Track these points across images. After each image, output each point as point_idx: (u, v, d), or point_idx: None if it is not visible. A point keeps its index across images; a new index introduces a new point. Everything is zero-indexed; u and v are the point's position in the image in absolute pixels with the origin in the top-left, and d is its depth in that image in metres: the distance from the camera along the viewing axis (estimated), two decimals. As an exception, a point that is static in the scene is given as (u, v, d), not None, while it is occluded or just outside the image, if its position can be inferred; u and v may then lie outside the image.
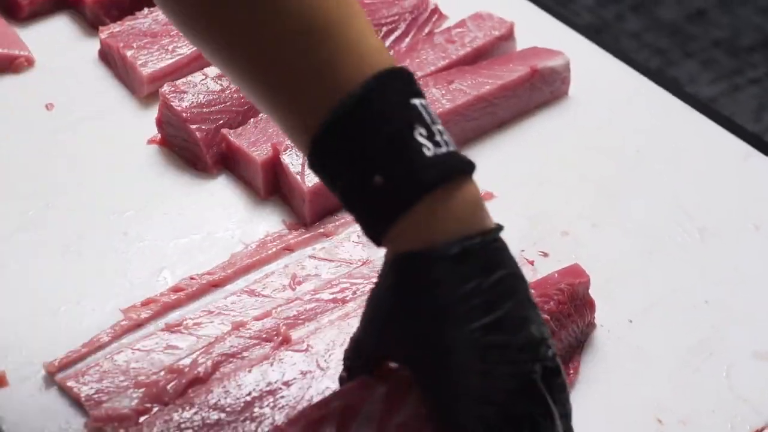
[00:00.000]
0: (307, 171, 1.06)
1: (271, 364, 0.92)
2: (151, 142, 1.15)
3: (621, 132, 1.20)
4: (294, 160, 1.07)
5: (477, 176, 1.12)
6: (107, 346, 0.95)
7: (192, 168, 1.13)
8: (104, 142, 1.15)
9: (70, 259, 1.03)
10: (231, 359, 0.93)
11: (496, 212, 1.09)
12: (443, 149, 0.74)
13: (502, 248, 0.77)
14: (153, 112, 1.16)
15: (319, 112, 0.73)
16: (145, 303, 0.98)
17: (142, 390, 0.90)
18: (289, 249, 1.04)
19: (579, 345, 0.97)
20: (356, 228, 1.04)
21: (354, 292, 0.99)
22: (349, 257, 1.03)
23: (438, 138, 0.74)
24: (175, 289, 1.00)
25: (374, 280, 0.97)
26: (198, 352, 0.93)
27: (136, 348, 0.94)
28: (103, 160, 1.13)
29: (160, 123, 1.14)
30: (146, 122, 1.16)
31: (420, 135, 0.73)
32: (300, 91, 0.74)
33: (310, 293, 0.99)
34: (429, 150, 0.73)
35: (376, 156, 0.72)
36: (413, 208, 0.72)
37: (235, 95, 1.13)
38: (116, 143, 1.15)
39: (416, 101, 0.74)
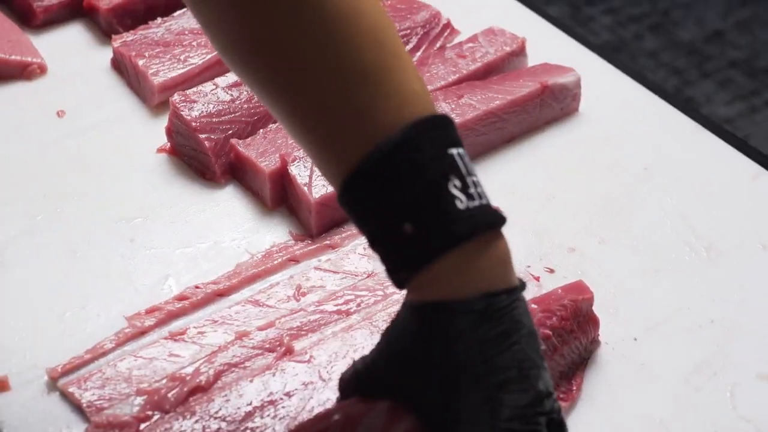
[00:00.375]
0: (314, 182, 1.06)
1: (273, 375, 0.92)
2: (160, 150, 1.15)
3: (630, 149, 1.20)
4: (302, 172, 1.07)
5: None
6: (110, 353, 0.95)
7: (200, 177, 1.13)
8: (114, 150, 1.16)
9: (76, 264, 1.04)
10: (233, 369, 0.93)
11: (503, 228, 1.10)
12: (476, 202, 0.74)
13: (523, 305, 0.77)
14: (163, 121, 1.16)
15: (355, 153, 0.72)
16: (150, 311, 0.99)
17: (144, 397, 0.90)
18: (294, 260, 1.04)
19: (582, 362, 0.96)
20: (362, 240, 1.05)
21: (358, 305, 0.99)
22: (355, 269, 1.03)
23: (472, 190, 0.74)
24: (180, 298, 1.00)
25: (379, 292, 0.99)
26: (200, 361, 0.94)
27: (138, 356, 0.94)
28: (112, 168, 1.14)
29: (170, 132, 1.14)
30: (156, 131, 1.17)
31: (454, 187, 0.73)
32: (337, 132, 0.74)
33: (314, 304, 1.00)
34: (462, 203, 0.73)
35: (409, 204, 0.72)
36: (440, 260, 0.72)
37: (245, 105, 1.14)
38: (126, 151, 1.16)
39: (454, 151, 0.74)
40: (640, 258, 1.08)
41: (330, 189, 1.06)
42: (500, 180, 1.15)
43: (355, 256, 1.04)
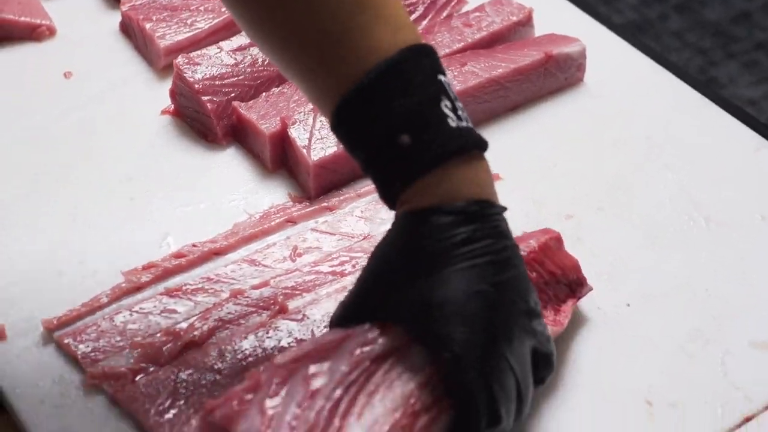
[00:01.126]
0: (314, 145, 1.07)
1: (267, 332, 0.93)
2: (164, 112, 1.17)
3: (633, 120, 1.19)
4: (301, 134, 1.08)
5: (487, 158, 1.14)
6: (106, 307, 0.97)
7: (202, 139, 1.14)
8: (119, 112, 1.17)
9: (76, 221, 1.05)
10: (227, 325, 0.94)
11: (502, 194, 1.09)
12: (464, 123, 0.80)
13: (507, 223, 0.81)
14: (169, 84, 1.17)
15: (352, 73, 0.77)
16: (147, 267, 1.00)
17: (139, 350, 0.91)
18: (291, 221, 1.05)
19: (571, 296, 0.96)
20: (360, 203, 1.05)
21: (353, 266, 1.00)
22: (351, 231, 1.04)
23: (460, 113, 0.80)
24: (177, 255, 1.01)
25: None
26: (195, 317, 0.95)
27: (134, 310, 0.95)
28: (116, 129, 1.15)
29: (174, 94, 1.15)
30: (161, 94, 1.18)
31: (446, 107, 0.78)
32: (335, 53, 0.78)
33: (309, 265, 1.00)
34: (453, 121, 0.78)
35: (406, 117, 0.77)
36: (432, 171, 0.77)
37: (249, 69, 1.15)
38: (131, 113, 1.17)
39: (441, 77, 0.79)
40: (638, 227, 1.08)
41: (329, 151, 1.07)
42: (502, 148, 1.14)
43: (352, 218, 1.05)
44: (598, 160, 1.15)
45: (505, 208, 0.82)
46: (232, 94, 1.13)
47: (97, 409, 0.89)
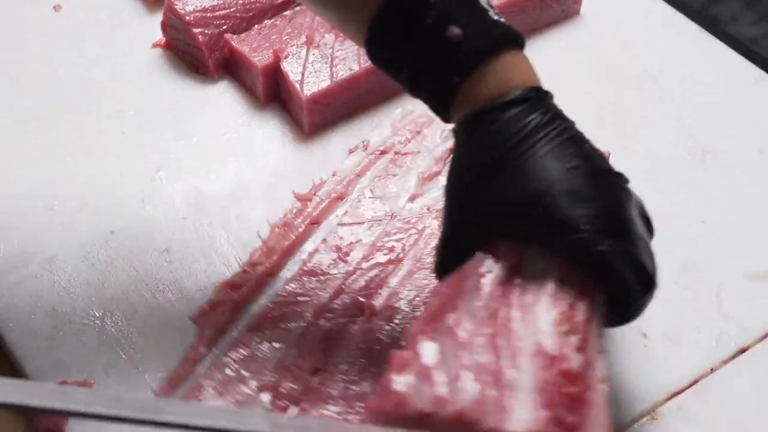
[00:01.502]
0: (307, 79, 1.06)
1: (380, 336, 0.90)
2: (155, 45, 1.15)
3: (630, 53, 1.18)
4: (294, 68, 1.07)
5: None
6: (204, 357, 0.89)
7: (194, 72, 1.13)
8: (110, 45, 1.16)
9: (66, 157, 1.04)
10: (336, 343, 0.89)
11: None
12: (501, 18, 0.78)
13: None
14: (160, 17, 1.16)
15: None
16: (212, 307, 0.92)
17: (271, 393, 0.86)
18: (315, 222, 0.99)
19: None
20: (364, 183, 1.03)
21: (403, 248, 0.97)
22: (375, 214, 1.00)
23: (496, 10, 0.79)
24: (232, 286, 0.94)
25: (412, 231, 0.98)
26: (300, 347, 0.88)
27: (235, 356, 0.88)
28: (107, 62, 1.14)
29: (165, 26, 1.14)
30: (152, 26, 1.16)
31: (484, 2, 0.78)
32: None
33: (364, 261, 0.96)
34: (494, 15, 0.78)
35: (452, 10, 0.75)
36: (485, 63, 0.75)
37: (240, 1, 1.13)
38: (122, 46, 1.16)
39: None
40: (635, 159, 1.07)
41: (322, 86, 1.05)
42: (496, 80, 1.14)
43: (367, 201, 1.01)
44: (594, 94, 1.13)
45: (552, 93, 0.81)
46: (224, 27, 1.11)
47: (89, 342, 0.88)
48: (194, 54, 1.12)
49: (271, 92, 1.09)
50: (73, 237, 0.96)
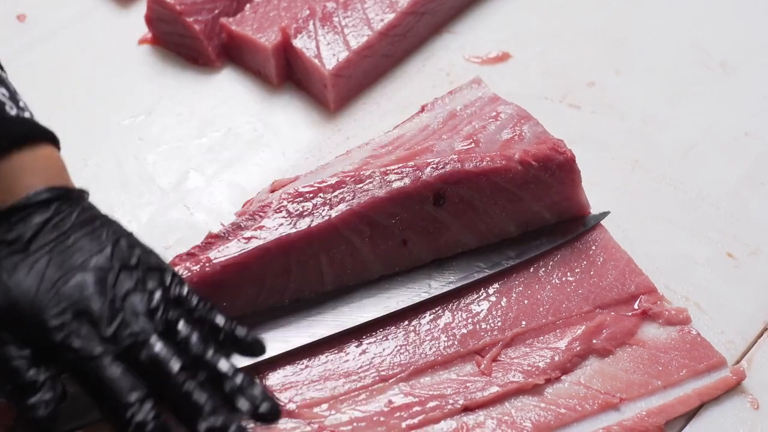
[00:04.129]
0: (324, 53, 1.00)
1: None
2: (142, 42, 1.07)
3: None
4: (307, 44, 1.01)
5: (489, 38, 1.10)
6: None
7: (193, 64, 1.05)
8: (90, 48, 1.07)
9: (90, 173, 0.96)
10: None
11: (516, 72, 1.07)
12: (26, 113, 0.73)
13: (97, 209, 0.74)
14: (136, 11, 1.08)
15: None
16: None
17: None
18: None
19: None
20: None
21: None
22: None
23: (21, 104, 0.74)
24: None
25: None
26: None
27: None
28: (94, 68, 1.05)
29: (150, 20, 1.06)
30: (131, 22, 1.08)
31: (3, 95, 0.72)
32: None
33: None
34: (13, 110, 0.72)
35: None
36: (6, 160, 0.70)
37: (227, -19, 1.06)
38: (103, 48, 1.07)
39: None
40: (659, 83, 1.06)
41: (341, 57, 1.00)
42: (502, 24, 1.10)
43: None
44: (599, 21, 1.11)
45: (87, 192, 0.75)
46: (216, 11, 1.04)
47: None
48: (190, 45, 1.04)
49: (284, 72, 1.03)
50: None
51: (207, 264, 0.81)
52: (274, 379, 0.81)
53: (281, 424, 0.78)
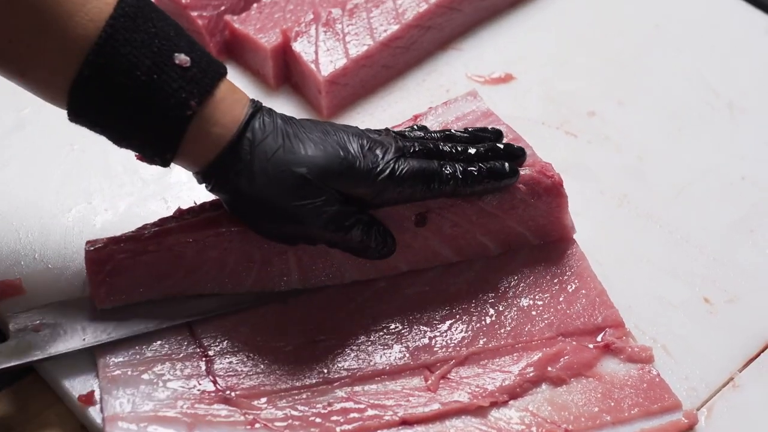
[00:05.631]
0: (321, 59, 1.00)
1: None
2: (146, 32, 1.08)
3: (639, 7, 1.15)
4: (306, 48, 1.01)
5: (494, 57, 1.09)
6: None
7: (194, 59, 1.06)
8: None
9: (75, 157, 0.97)
10: None
11: (518, 95, 1.05)
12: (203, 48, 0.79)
13: None
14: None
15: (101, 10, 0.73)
16: None
17: None
18: None
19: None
20: None
21: None
22: None
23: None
24: None
25: None
26: None
27: None
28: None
29: (157, 12, 1.06)
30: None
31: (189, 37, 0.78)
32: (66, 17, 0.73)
33: None
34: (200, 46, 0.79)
35: (174, 39, 0.75)
36: (217, 87, 0.76)
37: (236, -21, 1.06)
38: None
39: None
40: (662, 118, 1.04)
41: (339, 65, 1.00)
42: (508, 45, 1.10)
43: None
44: (608, 51, 1.10)
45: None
46: (222, 8, 1.05)
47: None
48: (193, 39, 1.05)
49: (282, 74, 1.03)
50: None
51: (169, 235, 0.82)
52: (220, 365, 0.81)
53: (216, 410, 0.78)
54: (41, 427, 0.80)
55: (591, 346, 0.84)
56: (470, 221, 0.87)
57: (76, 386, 0.80)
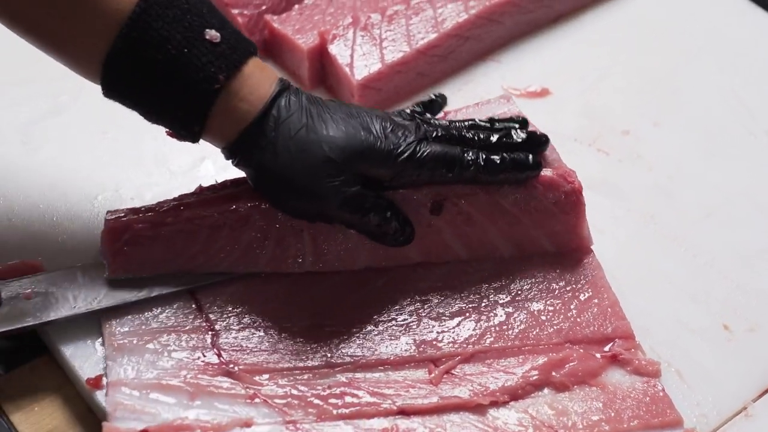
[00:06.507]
0: (356, 63, 1.00)
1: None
2: (188, 27, 1.09)
3: (681, 29, 1.14)
4: (342, 51, 1.01)
5: (532, 71, 1.08)
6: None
7: (233, 56, 1.07)
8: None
9: (106, 145, 0.98)
10: None
11: (552, 110, 1.05)
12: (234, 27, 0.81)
13: None
14: None
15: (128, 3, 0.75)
16: None
17: None
18: None
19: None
20: None
21: None
22: None
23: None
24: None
25: None
26: None
27: None
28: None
29: (200, 7, 1.08)
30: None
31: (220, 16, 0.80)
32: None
33: None
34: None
35: (205, 16, 0.77)
36: (245, 63, 0.78)
37: (279, -21, 1.07)
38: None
39: None
40: (696, 140, 1.03)
41: (373, 69, 1.00)
42: (548, 59, 1.09)
43: None
44: (648, 70, 1.09)
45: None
46: (263, 7, 1.06)
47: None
48: (232, 36, 1.06)
49: (317, 76, 1.04)
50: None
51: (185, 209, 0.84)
52: (225, 339, 0.82)
53: (218, 382, 0.80)
54: (49, 409, 0.81)
55: (598, 355, 0.84)
56: (485, 216, 0.87)
57: (86, 369, 0.81)
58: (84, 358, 0.81)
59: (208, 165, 0.97)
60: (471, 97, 1.05)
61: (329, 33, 1.02)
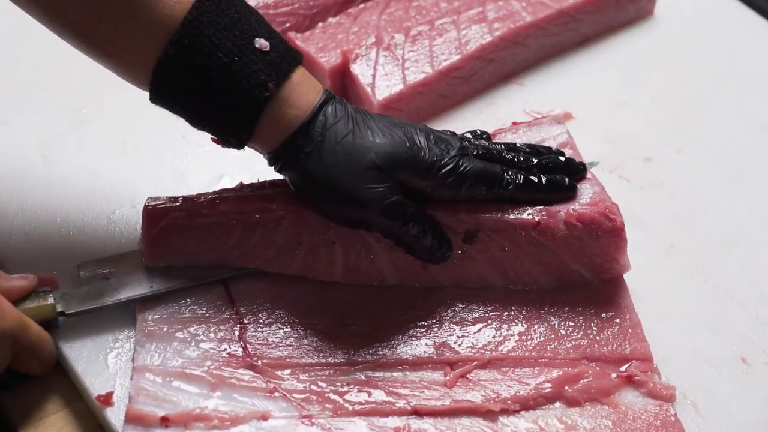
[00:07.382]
0: (378, 83, 1.00)
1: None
2: (211, 43, 1.09)
3: (707, 54, 1.13)
4: (364, 71, 1.01)
5: (555, 95, 1.08)
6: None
7: (255, 73, 1.07)
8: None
9: (126, 159, 0.98)
10: None
11: (575, 134, 1.03)
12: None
13: None
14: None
15: (180, 10, 0.76)
16: None
17: None
18: None
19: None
20: None
21: None
22: None
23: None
24: None
25: None
26: None
27: None
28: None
29: (223, 24, 1.08)
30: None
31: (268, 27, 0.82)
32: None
33: None
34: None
35: (255, 25, 0.79)
36: (294, 72, 0.79)
37: (304, -2, 1.07)
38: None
39: None
40: (719, 169, 1.02)
41: (395, 90, 1.00)
42: (572, 83, 1.09)
43: None
44: (672, 97, 1.08)
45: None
46: (287, 24, 1.06)
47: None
48: (255, 53, 1.06)
49: (339, 94, 1.02)
50: (134, 248, 0.90)
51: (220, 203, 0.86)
52: (252, 333, 0.84)
53: (240, 374, 0.81)
54: (59, 424, 0.81)
55: (614, 374, 0.83)
56: (520, 248, 0.86)
57: (96, 386, 0.81)
58: (95, 375, 0.81)
59: (226, 182, 0.97)
60: (493, 119, 1.04)
61: (352, 52, 1.02)
